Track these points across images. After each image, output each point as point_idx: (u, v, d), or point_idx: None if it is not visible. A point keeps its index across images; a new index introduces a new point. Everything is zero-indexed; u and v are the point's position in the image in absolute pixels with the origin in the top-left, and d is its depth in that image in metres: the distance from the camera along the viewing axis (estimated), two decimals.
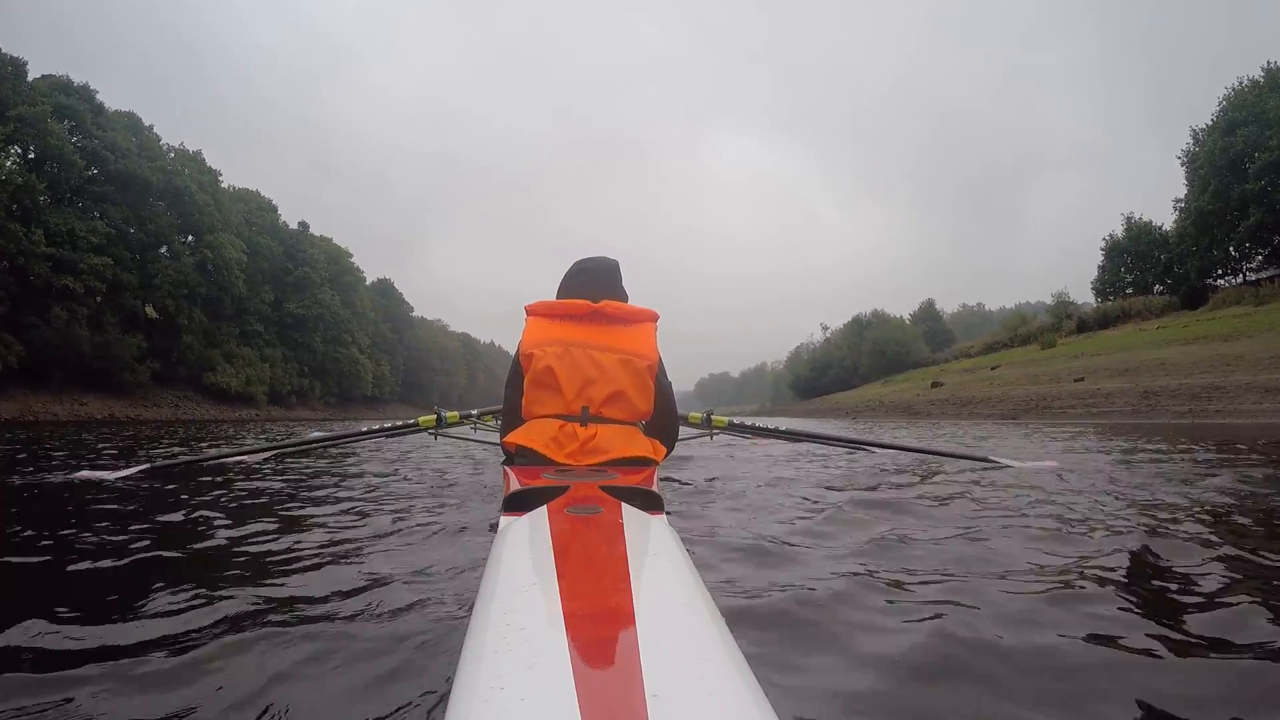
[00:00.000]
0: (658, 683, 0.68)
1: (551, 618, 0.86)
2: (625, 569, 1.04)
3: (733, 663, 0.76)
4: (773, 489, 3.64)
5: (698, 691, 0.70)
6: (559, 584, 0.98)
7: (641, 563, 1.09)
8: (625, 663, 0.74)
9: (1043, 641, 1.32)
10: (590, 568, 1.14)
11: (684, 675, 0.73)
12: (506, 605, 0.93)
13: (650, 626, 0.83)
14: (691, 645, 0.81)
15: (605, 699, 0.66)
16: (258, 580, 1.84)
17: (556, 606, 0.89)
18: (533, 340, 2.81)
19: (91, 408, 36.26)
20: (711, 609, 0.93)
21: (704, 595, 0.98)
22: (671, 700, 0.66)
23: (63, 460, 6.07)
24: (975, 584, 1.71)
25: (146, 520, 2.72)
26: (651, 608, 0.90)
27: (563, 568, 1.07)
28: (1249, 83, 40.25)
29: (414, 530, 2.52)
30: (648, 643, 0.77)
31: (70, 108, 39.57)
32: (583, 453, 2.59)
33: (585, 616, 0.87)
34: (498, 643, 0.80)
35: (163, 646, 1.33)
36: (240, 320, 52.66)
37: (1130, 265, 49.16)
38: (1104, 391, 21.09)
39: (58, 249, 35.71)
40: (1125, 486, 3.48)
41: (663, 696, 0.66)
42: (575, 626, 0.82)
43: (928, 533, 2.35)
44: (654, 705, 0.64)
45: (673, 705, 0.65)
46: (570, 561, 1.14)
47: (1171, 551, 2.01)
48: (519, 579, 1.05)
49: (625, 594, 0.94)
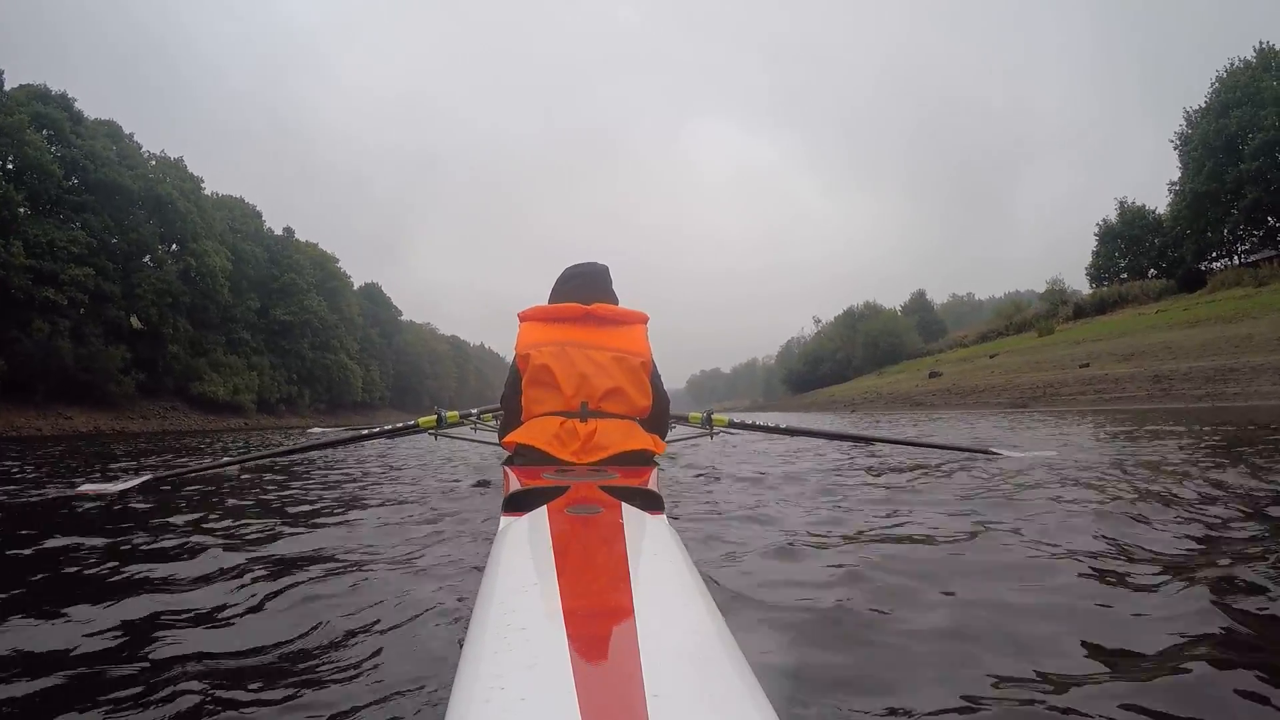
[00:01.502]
0: (658, 682, 0.69)
1: (551, 617, 0.85)
2: (625, 569, 1.04)
3: (733, 663, 0.76)
4: (773, 487, 3.65)
5: (698, 691, 0.71)
6: (559, 584, 0.98)
7: (641, 562, 1.09)
8: (625, 662, 0.74)
9: (1048, 642, 1.31)
10: (590, 567, 1.15)
11: (684, 675, 0.74)
12: (507, 605, 0.93)
13: (650, 626, 0.83)
14: (691, 645, 0.82)
15: (605, 699, 0.66)
16: (257, 580, 1.84)
17: (556, 606, 0.89)
18: (528, 341, 2.85)
19: (76, 421, 35.68)
20: (711, 609, 0.93)
21: (704, 595, 0.98)
22: (671, 700, 0.66)
23: (47, 475, 5.92)
24: (980, 582, 1.71)
25: (149, 530, 2.69)
26: (651, 607, 0.90)
27: (563, 567, 1.07)
28: (1241, 63, 40.26)
29: (414, 530, 2.54)
30: (648, 642, 0.77)
31: (48, 116, 38.90)
32: (584, 449, 2.60)
33: (585, 616, 0.87)
34: (498, 643, 0.80)
35: (162, 646, 1.33)
36: (226, 328, 52.07)
37: (1124, 250, 49.16)
38: (1112, 377, 20.86)
39: (38, 260, 35.08)
40: (1147, 477, 3.40)
41: (663, 696, 0.66)
42: (575, 626, 0.82)
43: (931, 529, 2.36)
44: (654, 705, 0.65)
45: (673, 705, 0.65)
46: (570, 561, 1.14)
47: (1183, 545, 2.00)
48: (519, 579, 1.05)
49: (625, 594, 0.95)
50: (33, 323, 34.73)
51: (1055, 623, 1.41)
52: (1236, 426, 7.51)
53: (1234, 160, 38.18)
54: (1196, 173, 40.54)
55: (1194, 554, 1.91)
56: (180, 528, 2.73)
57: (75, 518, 3.16)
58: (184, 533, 2.63)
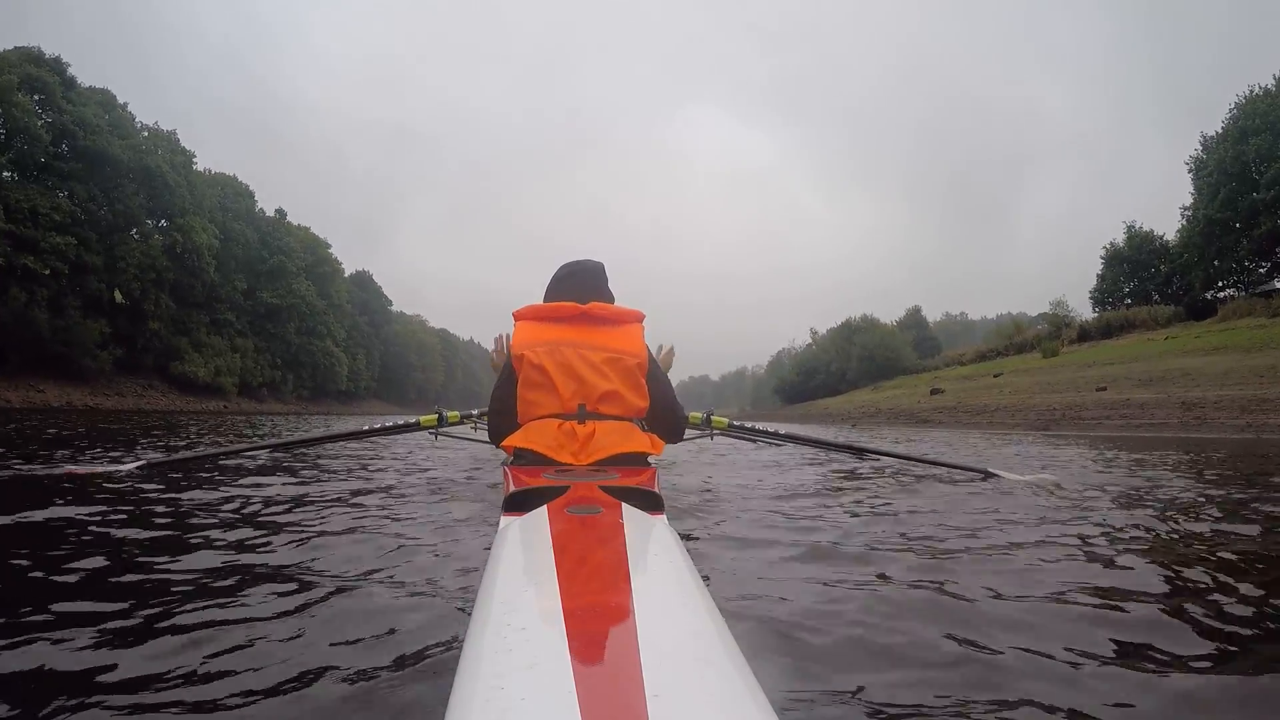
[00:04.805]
0: (658, 682, 0.69)
1: (551, 617, 0.85)
2: (625, 569, 1.04)
3: (733, 663, 0.76)
4: (773, 491, 3.71)
5: (698, 691, 0.71)
6: (559, 584, 0.98)
7: (641, 563, 1.09)
8: (625, 663, 0.74)
9: (1041, 652, 1.32)
10: (590, 568, 1.14)
11: (684, 675, 0.74)
12: (506, 605, 0.93)
13: (650, 626, 0.83)
14: (691, 645, 0.82)
15: (605, 699, 0.67)
16: (256, 580, 1.79)
17: (556, 606, 0.88)
18: (523, 342, 2.84)
19: (48, 394, 34.77)
20: (711, 609, 0.93)
21: (704, 595, 0.98)
22: (671, 700, 0.66)
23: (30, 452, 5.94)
24: (973, 590, 1.72)
25: (144, 519, 2.62)
26: (651, 608, 0.91)
27: (563, 568, 1.06)
28: (1260, 91, 39.95)
29: (414, 530, 2.50)
30: (648, 643, 0.77)
31: (39, 79, 38.06)
32: (583, 451, 2.60)
33: (585, 616, 0.87)
34: (498, 643, 0.80)
35: (158, 645, 1.31)
36: (211, 308, 51.23)
37: (1129, 274, 48.76)
38: (1136, 402, 20.07)
39: (18, 226, 33.98)
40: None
41: (663, 696, 0.66)
42: (575, 626, 0.82)
43: (924, 540, 2.38)
44: (654, 705, 0.65)
45: (673, 705, 0.66)
46: (570, 561, 1.13)
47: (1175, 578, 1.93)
48: (519, 579, 1.05)
49: (625, 594, 0.95)
50: (9, 290, 33.67)
51: (1053, 627, 1.46)
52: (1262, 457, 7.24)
53: (1249, 188, 37.75)
54: (1211, 198, 40.09)
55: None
56: (171, 518, 2.67)
57: (70, 500, 3.04)
58: (174, 524, 2.57)
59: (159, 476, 3.91)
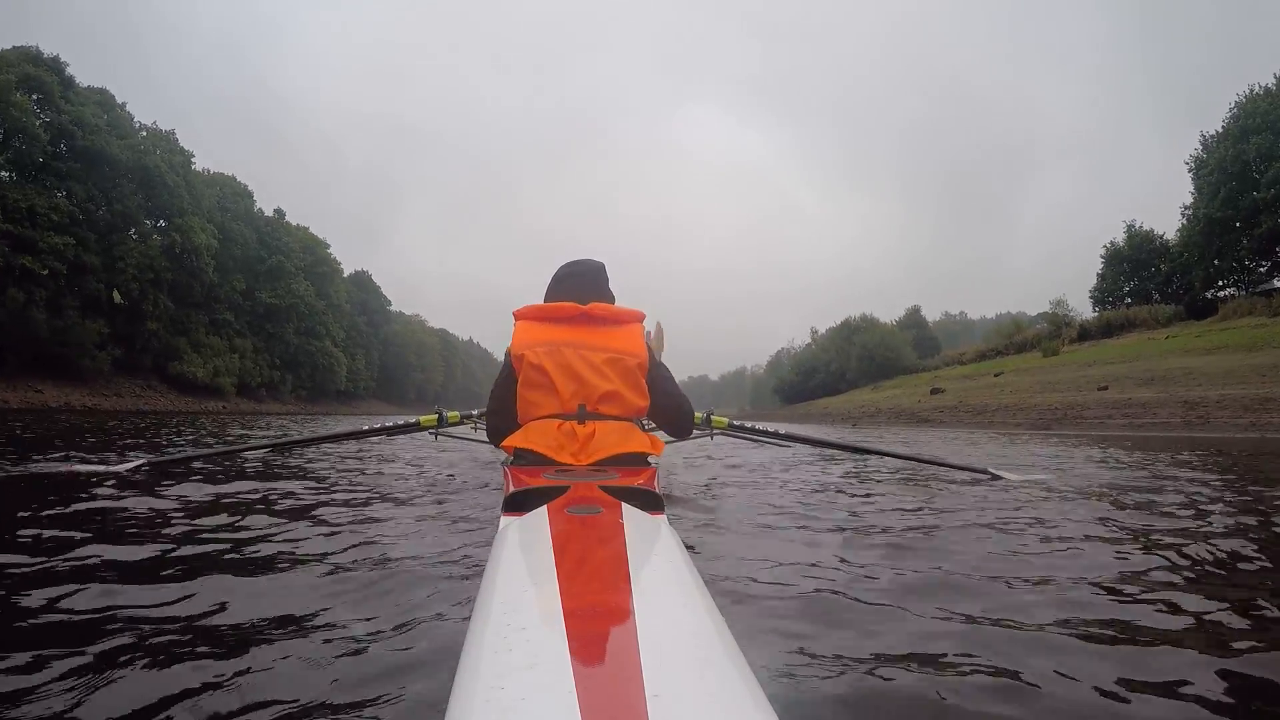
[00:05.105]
0: (658, 682, 0.69)
1: (551, 618, 0.85)
2: (625, 569, 1.04)
3: (733, 663, 0.76)
4: (773, 492, 3.71)
5: (698, 691, 0.71)
6: (559, 584, 0.98)
7: (641, 563, 1.08)
8: (625, 663, 0.74)
9: (1044, 653, 1.32)
10: (590, 568, 1.14)
11: (684, 675, 0.74)
12: (506, 605, 0.93)
13: (650, 626, 0.83)
14: (691, 645, 0.82)
15: (605, 699, 0.67)
16: (256, 579, 1.80)
17: (556, 606, 0.88)
18: (523, 341, 2.83)
19: (47, 395, 34.63)
20: (711, 609, 0.93)
21: (704, 595, 0.98)
22: (671, 700, 0.66)
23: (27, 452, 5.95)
24: (974, 591, 1.72)
25: (148, 517, 2.65)
26: (651, 608, 0.90)
27: (563, 568, 1.06)
28: (1260, 90, 39.86)
29: (413, 530, 2.50)
30: (648, 643, 0.77)
31: (37, 79, 37.91)
32: (583, 451, 2.59)
33: (585, 616, 0.87)
34: (498, 643, 0.80)
35: (157, 644, 1.31)
36: (209, 308, 51.11)
37: (1129, 274, 48.67)
38: (1138, 401, 19.99)
39: (16, 226, 33.90)
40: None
41: (663, 696, 0.66)
42: (575, 626, 0.82)
43: (926, 539, 2.39)
44: (654, 705, 0.65)
45: (673, 705, 0.66)
46: (570, 561, 1.13)
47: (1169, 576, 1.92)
48: (519, 579, 1.05)
49: (625, 594, 0.95)
50: (7, 290, 33.58)
51: (1055, 627, 1.45)
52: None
53: (1250, 187, 37.70)
54: (1211, 197, 40.01)
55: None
56: (173, 515, 2.68)
57: (74, 498, 3.05)
58: (176, 521, 2.58)
59: (158, 475, 3.90)
